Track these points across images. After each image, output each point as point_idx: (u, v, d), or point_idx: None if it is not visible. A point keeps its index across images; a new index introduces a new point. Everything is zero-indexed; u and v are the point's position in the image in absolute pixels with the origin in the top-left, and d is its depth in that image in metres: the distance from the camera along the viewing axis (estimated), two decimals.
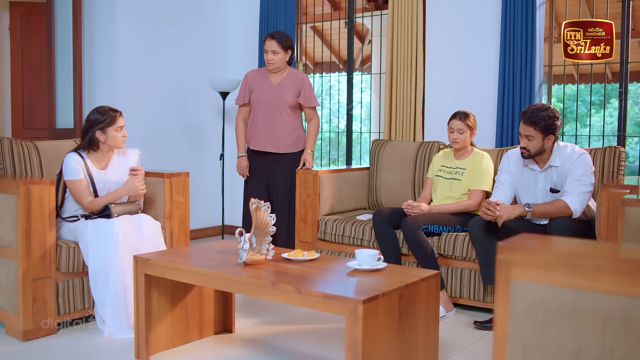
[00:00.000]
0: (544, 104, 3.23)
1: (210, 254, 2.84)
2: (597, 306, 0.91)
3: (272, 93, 4.04)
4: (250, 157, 4.15)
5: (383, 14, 5.26)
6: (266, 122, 4.04)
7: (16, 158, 3.42)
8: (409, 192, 4.15)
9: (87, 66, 4.97)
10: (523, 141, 3.18)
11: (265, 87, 4.05)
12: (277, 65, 4.01)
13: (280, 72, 4.07)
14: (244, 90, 4.13)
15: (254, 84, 4.09)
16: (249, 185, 4.16)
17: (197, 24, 5.43)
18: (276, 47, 3.98)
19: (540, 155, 3.23)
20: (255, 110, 4.09)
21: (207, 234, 5.59)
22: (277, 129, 4.04)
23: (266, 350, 2.90)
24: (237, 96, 4.18)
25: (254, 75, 4.14)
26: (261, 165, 4.10)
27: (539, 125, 3.12)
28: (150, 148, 5.05)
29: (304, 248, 3.98)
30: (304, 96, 4.09)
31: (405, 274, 2.43)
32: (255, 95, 4.07)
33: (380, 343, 2.14)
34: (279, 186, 4.07)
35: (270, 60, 3.99)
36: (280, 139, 4.05)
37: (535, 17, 4.08)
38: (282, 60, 4.03)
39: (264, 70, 4.12)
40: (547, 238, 1.09)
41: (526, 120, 3.14)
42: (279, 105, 4.03)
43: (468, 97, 4.43)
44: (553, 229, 3.06)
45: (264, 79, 4.08)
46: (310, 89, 4.13)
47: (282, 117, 4.04)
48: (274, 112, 4.04)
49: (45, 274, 2.97)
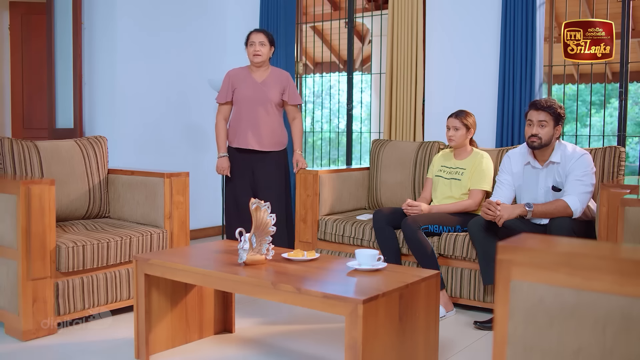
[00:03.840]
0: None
1: (210, 254, 2.84)
2: (597, 306, 0.91)
3: (257, 90, 4.00)
4: (233, 156, 4.08)
5: (383, 14, 5.26)
6: (251, 120, 4.00)
7: (16, 158, 3.42)
8: (409, 192, 4.15)
9: (87, 66, 4.97)
10: (535, 128, 3.19)
11: (249, 85, 4.01)
12: (264, 59, 3.98)
13: (264, 69, 4.05)
14: (227, 88, 4.07)
15: (237, 82, 4.04)
16: (233, 186, 4.08)
17: (197, 24, 5.43)
18: (263, 39, 3.98)
19: (544, 149, 3.24)
20: (239, 108, 4.04)
21: (207, 234, 5.59)
22: (262, 127, 4.00)
23: (266, 350, 2.90)
24: (219, 94, 4.12)
25: (237, 73, 4.09)
26: (246, 164, 4.04)
27: (553, 111, 3.17)
28: (150, 148, 5.05)
29: (304, 248, 3.98)
30: (289, 94, 4.08)
31: (405, 274, 2.43)
32: (239, 93, 4.02)
33: (380, 343, 2.14)
34: (265, 185, 4.03)
35: (257, 51, 3.96)
36: (264, 137, 4.01)
37: (535, 17, 4.07)
38: (268, 54, 4.01)
39: (247, 68, 4.09)
40: (547, 238, 1.09)
41: (540, 106, 3.20)
42: (264, 102, 4.00)
43: (468, 97, 4.43)
44: (553, 229, 3.07)
45: (247, 76, 4.04)
46: (294, 87, 4.12)
47: (267, 115, 4.01)
48: (259, 109, 4.00)
49: (45, 274, 2.97)
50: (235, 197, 4.05)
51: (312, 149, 5.82)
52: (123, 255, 3.27)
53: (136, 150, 4.95)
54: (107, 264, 3.21)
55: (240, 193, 4.02)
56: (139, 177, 3.63)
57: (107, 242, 3.20)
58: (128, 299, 3.31)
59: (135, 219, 3.65)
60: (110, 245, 3.21)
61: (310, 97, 6.25)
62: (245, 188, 4.04)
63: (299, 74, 5.50)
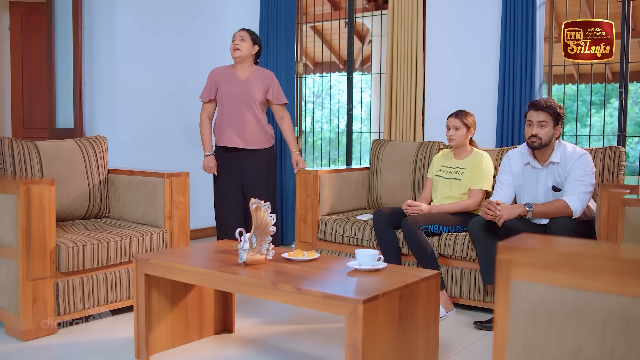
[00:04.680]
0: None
1: (210, 254, 2.84)
2: (597, 306, 0.91)
3: (240, 88, 4.00)
4: (220, 155, 4.07)
5: (383, 14, 5.26)
6: (234, 118, 4.00)
7: (16, 158, 3.42)
8: (409, 192, 4.15)
9: (87, 66, 4.97)
10: (535, 129, 3.19)
11: (233, 83, 4.01)
12: (243, 54, 3.99)
13: (247, 67, 4.05)
14: (210, 86, 4.07)
15: (220, 80, 4.04)
16: (222, 185, 4.06)
17: (198, 24, 5.43)
18: (244, 34, 4.00)
19: (544, 149, 3.24)
20: (223, 106, 4.04)
21: (207, 234, 5.58)
22: (246, 124, 4.00)
23: (266, 350, 2.90)
24: (203, 92, 4.11)
25: (221, 71, 4.09)
26: (234, 162, 4.03)
27: (552, 111, 3.18)
28: (150, 148, 5.05)
29: (304, 248, 3.98)
30: (273, 93, 4.08)
31: (405, 274, 2.43)
32: (223, 91, 4.02)
33: (380, 343, 2.14)
34: (255, 183, 4.03)
35: (237, 45, 3.97)
36: (249, 135, 4.01)
37: (535, 17, 4.07)
38: (248, 49, 4.01)
39: (231, 67, 4.10)
40: (547, 238, 1.09)
41: (540, 107, 3.20)
42: (248, 100, 4.00)
43: (468, 97, 4.43)
44: (553, 228, 3.07)
45: (231, 74, 4.05)
46: (278, 86, 4.12)
47: (250, 113, 4.01)
48: (243, 107, 4.00)
49: (45, 274, 2.97)
50: (224, 195, 4.05)
51: (312, 149, 5.82)
52: (123, 255, 3.27)
53: (136, 150, 4.95)
54: (107, 264, 3.21)
55: (229, 192, 4.02)
56: (139, 177, 3.63)
57: (107, 242, 3.20)
58: (128, 299, 3.31)
59: (135, 219, 3.65)
60: (110, 245, 3.21)
61: (310, 97, 6.26)
62: (234, 186, 4.04)
63: (299, 74, 5.50)
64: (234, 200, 4.03)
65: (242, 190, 4.05)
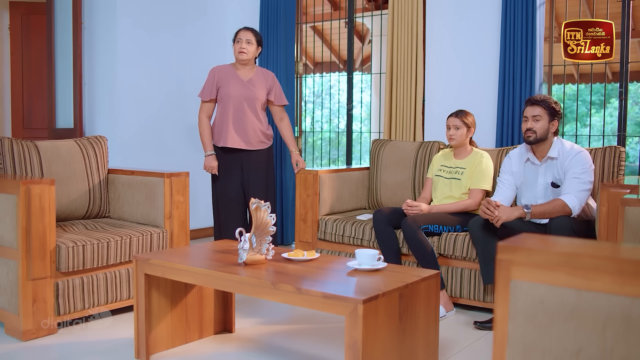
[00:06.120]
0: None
1: (210, 254, 2.84)
2: (597, 306, 0.91)
3: (244, 89, 3.98)
4: (220, 156, 4.04)
5: (383, 13, 5.26)
6: (237, 119, 3.97)
7: (16, 158, 3.42)
8: (409, 192, 4.15)
9: (87, 66, 4.97)
10: (529, 123, 3.26)
11: (235, 83, 3.99)
12: (249, 57, 3.97)
13: (249, 68, 4.04)
14: (211, 85, 4.01)
15: (222, 80, 4.00)
16: (222, 185, 4.04)
17: (197, 24, 5.43)
18: (251, 37, 3.98)
19: (541, 144, 3.27)
20: (225, 107, 3.99)
21: (207, 234, 5.58)
22: (249, 125, 3.99)
23: (266, 350, 2.90)
24: (203, 91, 4.05)
25: (222, 70, 4.04)
26: (235, 163, 4.02)
27: (547, 105, 3.23)
28: (150, 148, 5.05)
29: (304, 248, 3.98)
30: (275, 94, 4.07)
31: (405, 274, 2.43)
32: (225, 91, 3.98)
33: (380, 343, 2.14)
34: (255, 184, 4.02)
35: (243, 49, 3.94)
36: (251, 135, 4.00)
37: (535, 17, 4.07)
38: (254, 52, 4.00)
39: (232, 66, 4.07)
40: (547, 238, 1.09)
41: (534, 101, 3.27)
42: (251, 101, 3.98)
43: (468, 97, 4.43)
44: (553, 228, 3.07)
45: (233, 74, 4.01)
46: (280, 87, 4.12)
47: (253, 113, 3.99)
48: (245, 108, 3.98)
49: (45, 274, 2.97)
50: (225, 195, 4.04)
51: (312, 149, 5.82)
52: (123, 255, 3.27)
53: (136, 150, 4.95)
54: (107, 264, 3.21)
55: (229, 192, 4.01)
56: (139, 177, 3.63)
57: (107, 242, 3.20)
58: (128, 299, 3.31)
59: (135, 218, 3.65)
60: (110, 245, 3.21)
61: (310, 97, 6.26)
62: (235, 186, 4.03)
63: (299, 73, 5.50)
64: (235, 200, 4.03)
65: (242, 190, 4.05)
